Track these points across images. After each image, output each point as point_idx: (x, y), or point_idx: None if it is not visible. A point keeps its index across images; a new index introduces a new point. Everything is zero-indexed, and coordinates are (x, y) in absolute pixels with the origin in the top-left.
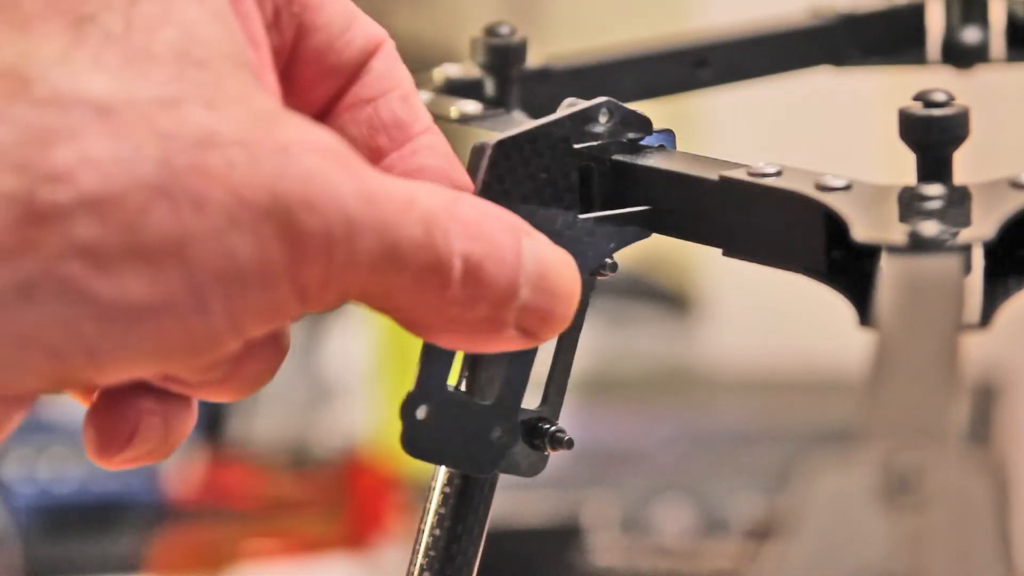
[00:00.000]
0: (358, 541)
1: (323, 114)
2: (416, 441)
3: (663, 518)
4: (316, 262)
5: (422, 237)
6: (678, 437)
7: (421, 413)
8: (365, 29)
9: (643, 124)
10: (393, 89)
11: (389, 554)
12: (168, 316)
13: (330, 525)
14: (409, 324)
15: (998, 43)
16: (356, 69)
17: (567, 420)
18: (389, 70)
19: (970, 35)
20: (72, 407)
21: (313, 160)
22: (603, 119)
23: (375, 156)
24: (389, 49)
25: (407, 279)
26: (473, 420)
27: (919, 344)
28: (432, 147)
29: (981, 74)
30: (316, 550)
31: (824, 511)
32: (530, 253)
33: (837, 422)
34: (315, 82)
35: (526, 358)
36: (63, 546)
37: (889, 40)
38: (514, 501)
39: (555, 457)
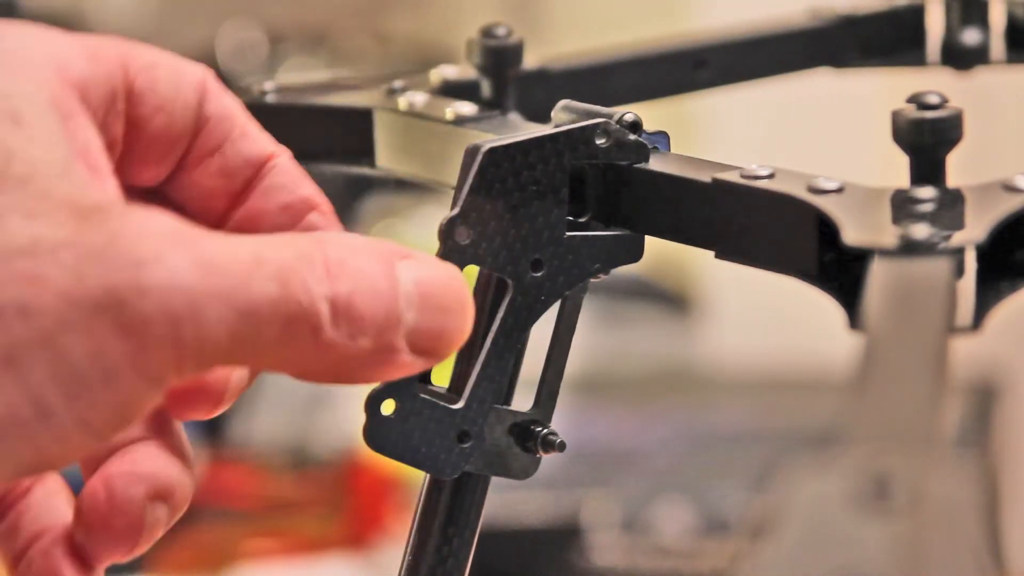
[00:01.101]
0: (358, 541)
1: (177, 174)
2: (379, 436)
3: (663, 518)
4: (162, 346)
5: (278, 291)
6: (678, 437)
7: (387, 409)
8: (189, 84)
9: (640, 151)
10: (231, 128)
11: (389, 554)
12: (13, 428)
13: (330, 525)
14: (296, 375)
15: (998, 45)
16: (194, 127)
17: (567, 420)
18: (220, 111)
19: (970, 37)
20: None
21: (143, 244)
22: (600, 140)
23: (239, 198)
24: (213, 87)
25: (273, 335)
26: (441, 422)
27: (905, 348)
28: (281, 167)
29: (981, 76)
30: (316, 550)
31: (802, 514)
32: (408, 276)
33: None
34: (162, 154)
35: (501, 364)
36: None
37: (889, 42)
38: (514, 501)
39: (555, 457)
